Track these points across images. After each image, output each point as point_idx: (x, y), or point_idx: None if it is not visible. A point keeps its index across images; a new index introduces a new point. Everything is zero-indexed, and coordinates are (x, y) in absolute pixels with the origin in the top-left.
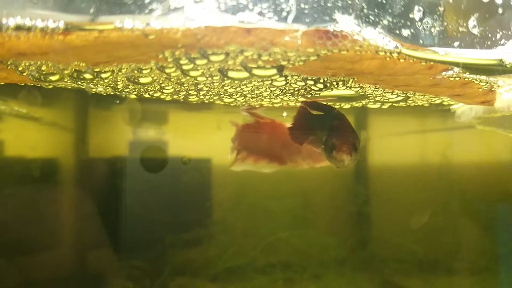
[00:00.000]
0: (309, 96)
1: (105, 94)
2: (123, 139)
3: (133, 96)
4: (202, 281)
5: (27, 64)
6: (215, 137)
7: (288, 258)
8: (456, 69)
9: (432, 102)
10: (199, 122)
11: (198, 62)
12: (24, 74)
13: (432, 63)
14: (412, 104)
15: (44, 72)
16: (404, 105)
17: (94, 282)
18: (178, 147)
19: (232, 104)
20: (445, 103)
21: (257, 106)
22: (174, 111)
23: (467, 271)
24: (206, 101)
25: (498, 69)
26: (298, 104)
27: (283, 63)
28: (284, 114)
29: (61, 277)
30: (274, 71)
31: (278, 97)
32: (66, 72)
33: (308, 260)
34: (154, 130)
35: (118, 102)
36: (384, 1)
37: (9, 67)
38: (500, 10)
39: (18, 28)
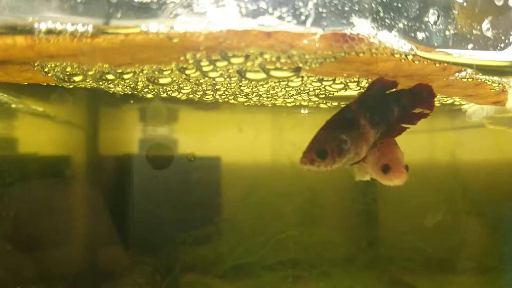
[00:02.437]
0: (323, 96)
1: (122, 94)
2: (134, 137)
3: (149, 95)
4: (212, 278)
5: (53, 65)
6: (225, 135)
7: (297, 255)
8: (469, 71)
9: (444, 102)
10: (210, 120)
11: (219, 64)
12: (49, 75)
13: (445, 64)
14: None
15: (68, 73)
16: None
17: (105, 278)
18: (188, 145)
19: (245, 104)
20: (456, 103)
21: None
22: (185, 110)
23: (475, 270)
24: (221, 101)
25: (511, 70)
26: None
27: (301, 65)
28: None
29: (72, 273)
30: (291, 72)
31: (292, 97)
32: (90, 73)
33: (317, 258)
34: (165, 128)
35: (132, 101)
36: (399, 5)
37: (35, 68)
38: None
39: (49, 32)
